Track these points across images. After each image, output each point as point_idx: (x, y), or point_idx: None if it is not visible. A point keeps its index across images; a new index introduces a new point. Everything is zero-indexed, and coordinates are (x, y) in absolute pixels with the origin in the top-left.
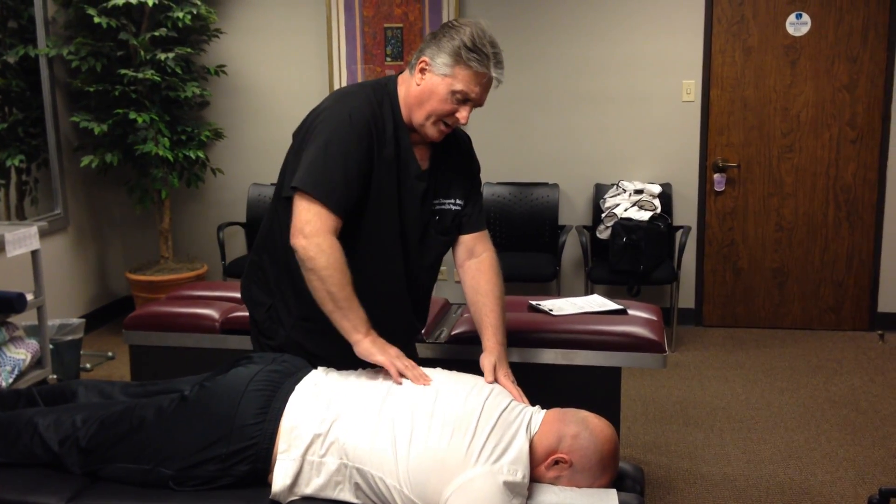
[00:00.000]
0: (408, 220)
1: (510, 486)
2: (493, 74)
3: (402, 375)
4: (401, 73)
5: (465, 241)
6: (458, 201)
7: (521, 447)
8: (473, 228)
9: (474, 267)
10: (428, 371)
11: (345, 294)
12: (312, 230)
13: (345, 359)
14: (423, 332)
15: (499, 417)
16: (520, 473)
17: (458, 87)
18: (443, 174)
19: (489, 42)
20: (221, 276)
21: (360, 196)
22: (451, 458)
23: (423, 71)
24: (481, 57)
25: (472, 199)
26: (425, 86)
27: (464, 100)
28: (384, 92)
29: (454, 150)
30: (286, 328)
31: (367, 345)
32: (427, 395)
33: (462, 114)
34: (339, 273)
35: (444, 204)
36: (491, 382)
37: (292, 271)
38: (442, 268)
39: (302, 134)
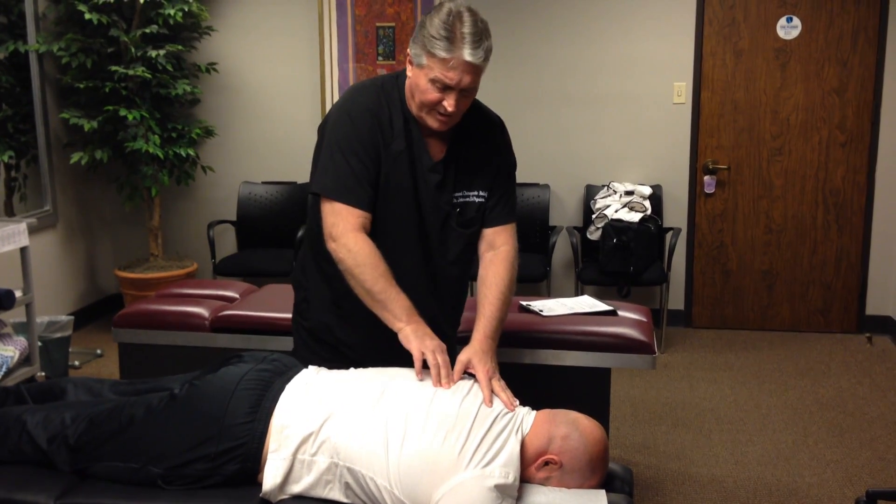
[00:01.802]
0: (426, 212)
1: (501, 489)
2: (466, 58)
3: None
4: None
5: (487, 234)
6: (481, 193)
7: (512, 449)
8: (496, 222)
9: (488, 259)
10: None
11: (379, 287)
12: (338, 232)
13: (370, 346)
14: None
15: (493, 421)
16: (511, 476)
17: (433, 75)
18: (464, 166)
19: (467, 22)
20: (211, 275)
21: (377, 188)
22: (444, 460)
23: (409, 63)
24: (447, 42)
25: (496, 192)
26: (412, 78)
27: (444, 87)
28: (394, 85)
29: (478, 141)
30: (318, 312)
31: (408, 332)
32: (422, 397)
33: (448, 101)
34: (369, 269)
35: (467, 196)
36: (455, 380)
37: (320, 258)
38: None
39: (320, 131)
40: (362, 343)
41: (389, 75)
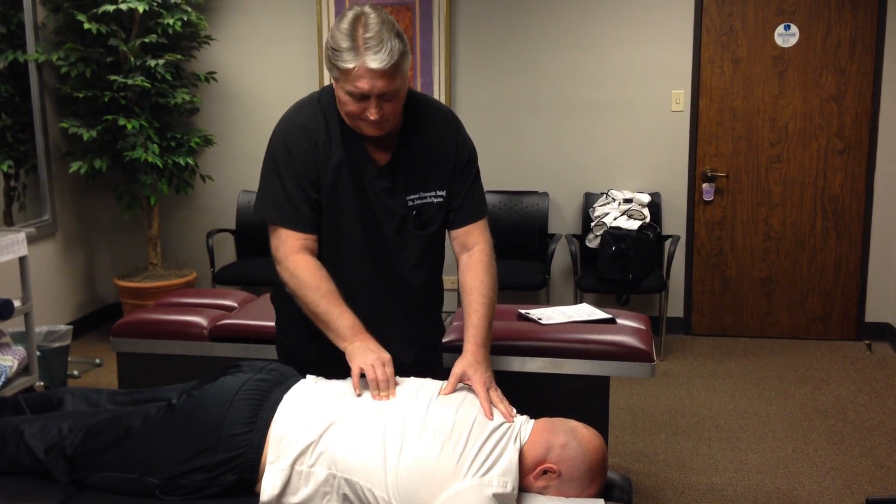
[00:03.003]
0: (379, 219)
1: (499, 498)
2: (370, 65)
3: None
4: None
5: (457, 235)
6: (439, 193)
7: (510, 458)
8: (464, 221)
9: (464, 262)
10: (419, 381)
11: (322, 308)
12: (281, 255)
13: (339, 366)
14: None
15: (491, 429)
16: (510, 485)
17: (347, 87)
18: (416, 166)
19: (370, 25)
20: (210, 284)
21: (320, 206)
22: (442, 469)
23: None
24: (349, 53)
25: (459, 189)
26: (336, 92)
27: (360, 97)
28: (332, 95)
29: (428, 139)
30: (290, 332)
31: (351, 349)
32: (419, 406)
33: (369, 110)
34: (311, 291)
35: (424, 197)
36: (449, 392)
37: None
38: None
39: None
40: (331, 363)
41: (328, 85)
